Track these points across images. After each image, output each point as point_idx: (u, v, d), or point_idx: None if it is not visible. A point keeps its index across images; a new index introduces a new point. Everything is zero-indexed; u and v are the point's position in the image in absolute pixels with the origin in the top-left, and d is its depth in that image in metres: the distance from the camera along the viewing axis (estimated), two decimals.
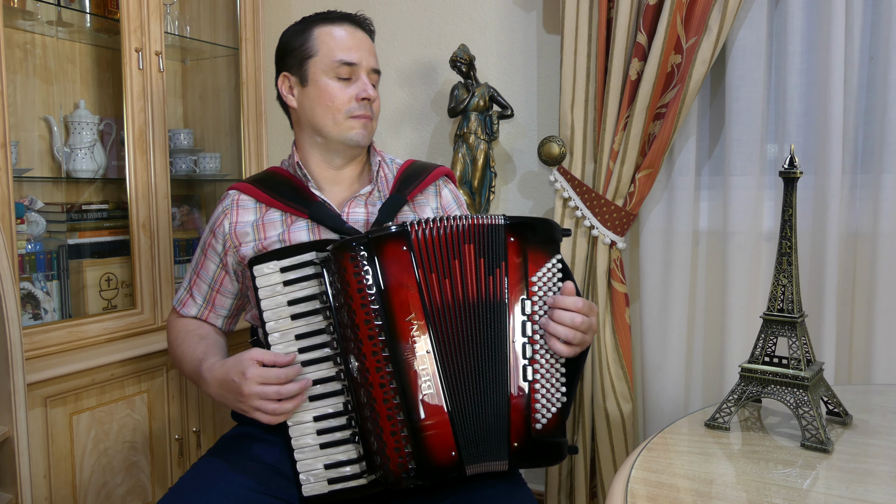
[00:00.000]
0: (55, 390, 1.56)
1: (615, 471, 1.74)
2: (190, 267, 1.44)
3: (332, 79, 1.32)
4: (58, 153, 1.88)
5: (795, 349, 1.12)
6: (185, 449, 1.85)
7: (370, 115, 1.34)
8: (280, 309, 1.17)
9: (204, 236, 1.42)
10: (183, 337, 1.37)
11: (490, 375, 1.13)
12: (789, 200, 1.12)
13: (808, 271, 1.65)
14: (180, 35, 2.10)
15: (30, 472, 1.38)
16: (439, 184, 1.45)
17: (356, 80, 1.33)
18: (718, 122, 1.80)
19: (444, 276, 1.14)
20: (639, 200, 1.76)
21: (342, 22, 1.35)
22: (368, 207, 1.36)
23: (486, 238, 1.14)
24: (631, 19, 1.69)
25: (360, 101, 1.32)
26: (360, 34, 1.35)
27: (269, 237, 1.33)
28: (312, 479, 1.14)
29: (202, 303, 1.41)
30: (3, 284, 1.31)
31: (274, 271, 1.18)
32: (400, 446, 1.10)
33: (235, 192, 1.39)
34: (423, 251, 1.14)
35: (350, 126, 1.33)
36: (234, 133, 2.15)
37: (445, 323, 1.13)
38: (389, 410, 1.10)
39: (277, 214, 1.34)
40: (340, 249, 1.13)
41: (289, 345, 1.16)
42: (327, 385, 1.15)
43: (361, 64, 1.33)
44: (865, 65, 1.64)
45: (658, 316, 1.81)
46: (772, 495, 0.93)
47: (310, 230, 1.32)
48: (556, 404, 1.13)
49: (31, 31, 1.85)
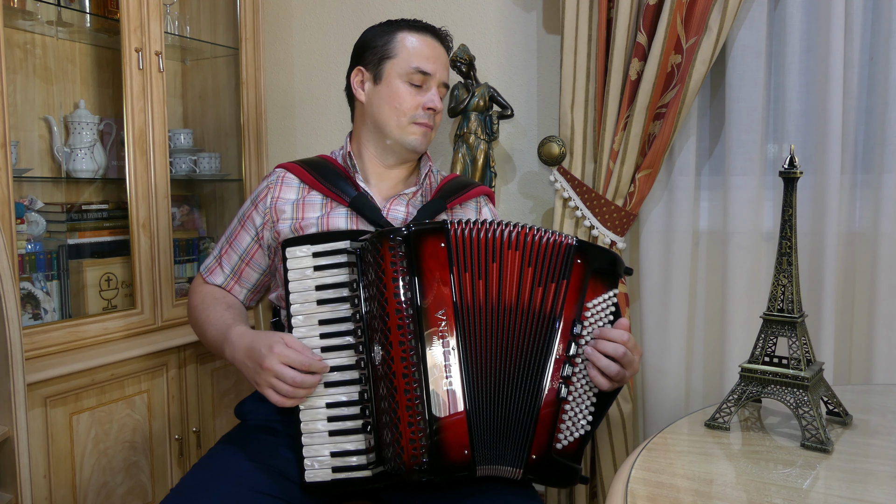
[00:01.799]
0: (55, 390, 1.56)
1: (615, 471, 1.74)
2: (223, 236, 1.47)
3: (405, 83, 1.38)
4: (58, 153, 1.88)
5: (795, 349, 1.12)
6: (185, 449, 1.85)
7: (432, 124, 1.40)
8: (307, 293, 1.18)
9: (244, 207, 1.45)
10: (209, 302, 1.39)
11: (520, 381, 1.13)
12: (789, 200, 1.12)
13: (807, 271, 1.65)
14: (180, 35, 2.10)
15: (30, 472, 1.38)
16: (480, 201, 1.50)
17: (427, 89, 1.38)
18: (718, 122, 1.80)
19: (478, 276, 1.15)
20: (639, 200, 1.76)
21: (426, 32, 1.41)
22: (409, 208, 1.39)
23: (550, 253, 1.16)
24: (631, 19, 1.69)
25: (426, 110, 1.38)
26: (439, 48, 1.41)
27: (307, 218, 1.36)
28: (317, 465, 1.15)
29: (229, 272, 1.44)
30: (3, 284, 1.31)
31: (306, 255, 1.19)
32: (416, 438, 1.10)
33: (282, 170, 1.43)
34: (461, 250, 1.16)
35: (412, 131, 1.38)
36: (234, 133, 2.15)
37: (474, 323, 1.14)
38: (410, 402, 1.10)
39: (319, 198, 1.38)
40: (380, 238, 1.14)
41: (311, 328, 1.17)
42: (345, 373, 1.16)
43: (435, 75, 1.38)
44: (865, 65, 1.64)
45: (658, 316, 1.81)
46: (772, 495, 0.93)
47: (348, 218, 1.35)
48: (580, 430, 1.13)
49: (31, 31, 1.85)
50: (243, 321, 1.33)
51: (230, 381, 1.99)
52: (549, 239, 1.17)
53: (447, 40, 1.45)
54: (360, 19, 2.25)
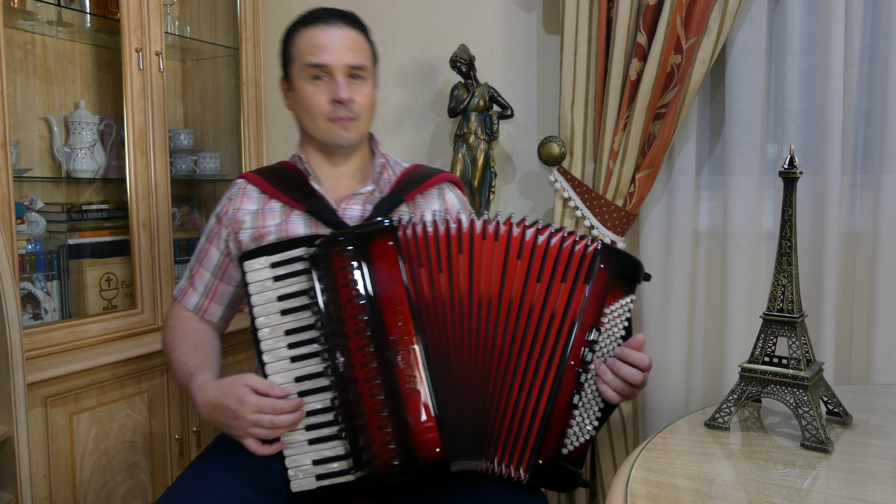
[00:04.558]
0: (55, 390, 1.56)
1: (615, 471, 1.74)
2: (193, 257, 1.45)
3: (308, 82, 1.32)
4: (58, 153, 1.88)
5: (795, 349, 1.12)
6: (185, 449, 1.85)
7: (351, 115, 1.32)
8: (270, 304, 1.17)
9: (209, 224, 1.43)
10: (178, 341, 1.36)
11: (519, 378, 1.12)
12: (789, 200, 1.12)
13: (807, 271, 1.65)
14: (180, 35, 2.10)
15: (30, 472, 1.38)
16: (443, 187, 1.44)
17: (333, 81, 1.31)
18: (718, 122, 1.80)
19: (438, 270, 1.13)
20: (639, 200, 1.76)
21: (314, 22, 1.33)
22: (366, 206, 1.36)
23: (572, 256, 1.14)
24: (631, 19, 1.69)
25: (334, 104, 1.31)
26: (335, 32, 1.31)
27: (266, 226, 1.34)
28: (301, 474, 1.14)
29: (203, 292, 1.41)
30: (4, 284, 1.31)
31: (264, 266, 1.18)
32: (385, 441, 1.09)
33: (243, 182, 1.41)
34: (413, 246, 1.14)
35: (331, 129, 1.33)
36: (234, 133, 2.15)
37: (440, 317, 1.12)
38: (375, 406, 1.09)
39: (278, 206, 1.36)
40: (327, 244, 1.13)
41: (278, 340, 1.16)
42: (316, 381, 1.15)
43: (333, 64, 1.30)
44: (865, 65, 1.64)
45: (658, 316, 1.81)
46: (772, 495, 0.93)
47: (307, 223, 1.33)
48: (586, 435, 1.13)
49: (31, 31, 1.85)
50: (208, 366, 1.28)
51: None
52: (573, 242, 1.14)
53: (346, 18, 1.34)
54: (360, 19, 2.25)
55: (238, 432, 1.16)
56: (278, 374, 1.16)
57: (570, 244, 1.15)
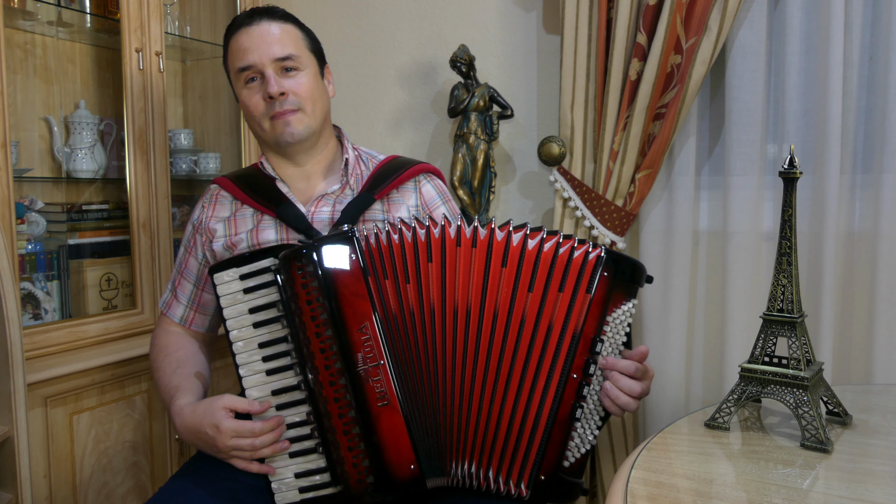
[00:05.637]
0: (55, 390, 1.56)
1: (615, 471, 1.74)
2: (174, 268, 1.42)
3: (244, 88, 1.30)
4: (58, 153, 1.88)
5: (795, 349, 1.12)
6: (185, 449, 1.85)
7: (290, 108, 1.28)
8: (242, 317, 1.15)
9: (186, 234, 1.40)
10: (160, 361, 1.34)
11: (511, 390, 1.08)
12: (789, 200, 1.12)
13: (807, 271, 1.65)
14: (180, 35, 2.10)
15: (30, 472, 1.38)
16: (419, 179, 1.38)
17: (262, 80, 1.28)
18: (718, 122, 1.80)
19: (405, 280, 1.09)
20: (639, 200, 1.76)
21: (238, 28, 1.30)
22: (336, 206, 1.31)
23: (570, 264, 1.09)
24: (631, 19, 1.69)
25: (268, 101, 1.27)
26: (255, 30, 1.28)
27: (238, 233, 1.31)
28: (284, 487, 1.12)
29: (187, 303, 1.39)
30: (4, 284, 1.31)
31: (234, 279, 1.16)
32: (358, 461, 1.06)
33: (216, 187, 1.38)
34: (376, 256, 1.10)
35: (274, 127, 1.29)
36: (234, 133, 2.15)
37: (410, 330, 1.09)
38: (345, 425, 1.07)
39: (249, 211, 1.33)
40: (288, 259, 1.09)
41: (252, 353, 1.14)
42: (293, 394, 1.12)
43: (258, 62, 1.27)
44: (865, 65, 1.64)
45: (658, 316, 1.81)
46: (772, 495, 0.93)
47: (277, 229, 1.30)
48: (587, 445, 1.11)
49: (31, 31, 1.85)
50: (188, 388, 1.24)
51: (230, 381, 1.98)
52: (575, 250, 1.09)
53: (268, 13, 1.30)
54: (360, 19, 2.26)
55: (221, 456, 1.14)
56: (255, 387, 1.14)
57: (568, 251, 1.10)
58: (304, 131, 1.30)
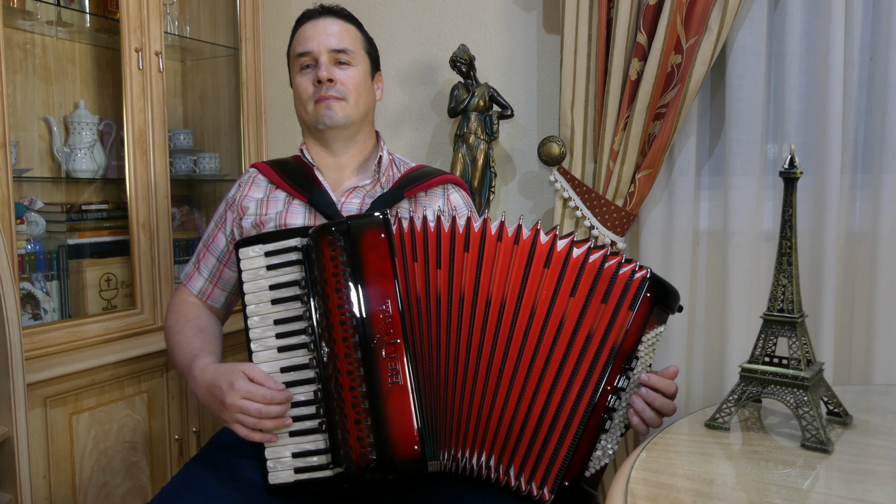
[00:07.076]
0: (55, 390, 1.56)
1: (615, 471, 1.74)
2: (201, 241, 1.47)
3: (299, 73, 1.38)
4: (58, 153, 1.88)
5: (795, 349, 1.12)
6: (185, 449, 1.85)
7: (334, 95, 1.35)
8: (262, 293, 1.18)
9: (219, 210, 1.46)
10: (181, 325, 1.37)
11: (543, 390, 1.09)
12: (789, 200, 1.12)
13: (807, 271, 1.65)
14: (180, 35, 2.10)
15: (30, 472, 1.38)
16: (448, 188, 1.45)
17: (316, 67, 1.36)
18: (718, 122, 1.80)
19: (436, 265, 1.12)
20: (639, 200, 1.76)
21: (304, 20, 1.40)
22: (366, 200, 1.37)
23: (615, 278, 1.10)
24: (631, 19, 1.69)
25: (317, 84, 1.35)
26: (320, 22, 1.38)
27: (268, 214, 1.36)
28: (279, 466, 1.13)
29: (207, 276, 1.43)
30: (3, 284, 1.31)
31: (259, 255, 1.19)
32: (363, 436, 1.08)
33: (254, 171, 1.45)
34: (408, 239, 1.13)
35: (317, 109, 1.36)
36: (234, 133, 2.15)
37: (433, 315, 1.11)
38: (355, 399, 1.08)
39: (282, 195, 1.38)
40: (320, 233, 1.13)
41: (266, 329, 1.17)
42: (301, 372, 1.15)
43: (316, 49, 1.36)
44: (865, 65, 1.64)
45: None
46: (772, 495, 0.92)
47: (306, 214, 1.35)
48: (606, 459, 1.12)
49: (30, 31, 1.85)
50: (211, 351, 1.29)
51: None
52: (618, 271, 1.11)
53: (333, 11, 1.41)
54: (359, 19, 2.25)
55: (227, 417, 1.15)
56: (265, 363, 1.16)
57: (615, 265, 1.11)
58: (343, 118, 1.36)
